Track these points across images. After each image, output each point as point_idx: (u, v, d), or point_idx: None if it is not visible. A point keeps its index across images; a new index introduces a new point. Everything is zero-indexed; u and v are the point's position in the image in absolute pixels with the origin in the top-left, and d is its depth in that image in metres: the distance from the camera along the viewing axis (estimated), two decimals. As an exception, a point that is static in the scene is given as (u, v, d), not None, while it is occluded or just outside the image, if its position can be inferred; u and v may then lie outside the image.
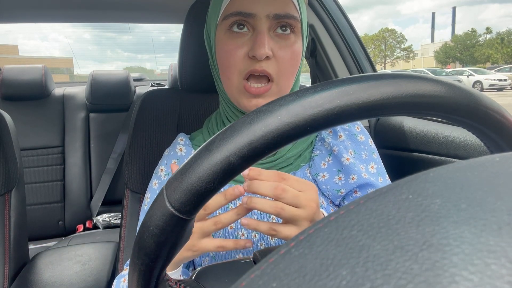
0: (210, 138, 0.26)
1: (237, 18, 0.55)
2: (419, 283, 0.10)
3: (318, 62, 1.22)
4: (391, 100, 0.25)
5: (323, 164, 0.61)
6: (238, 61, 0.56)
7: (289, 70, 0.57)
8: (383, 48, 62.86)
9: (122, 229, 0.82)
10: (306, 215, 0.44)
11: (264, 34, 0.54)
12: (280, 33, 0.56)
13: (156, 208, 0.26)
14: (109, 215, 1.74)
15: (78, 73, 17.73)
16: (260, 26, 0.55)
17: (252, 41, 0.55)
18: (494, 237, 0.11)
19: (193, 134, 0.71)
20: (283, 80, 0.57)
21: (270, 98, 0.56)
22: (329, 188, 0.60)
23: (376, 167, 0.63)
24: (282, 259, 0.13)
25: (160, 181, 0.65)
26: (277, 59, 0.56)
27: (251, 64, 0.55)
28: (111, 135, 1.87)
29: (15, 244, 0.96)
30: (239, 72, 0.56)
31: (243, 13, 0.55)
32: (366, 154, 0.64)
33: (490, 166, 0.15)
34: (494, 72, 23.03)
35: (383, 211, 0.13)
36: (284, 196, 0.43)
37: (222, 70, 0.59)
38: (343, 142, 0.63)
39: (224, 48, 0.57)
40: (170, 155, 0.67)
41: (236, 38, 0.56)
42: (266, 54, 0.53)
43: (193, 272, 0.41)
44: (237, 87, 0.57)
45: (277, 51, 0.55)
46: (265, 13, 0.54)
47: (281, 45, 0.56)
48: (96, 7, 1.38)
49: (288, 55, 0.56)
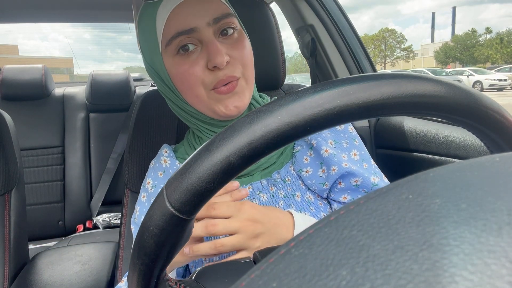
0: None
1: (180, 39, 0.54)
2: (419, 283, 0.10)
3: (318, 62, 1.22)
4: (391, 100, 0.25)
5: (306, 159, 0.61)
6: (200, 76, 0.55)
7: (249, 63, 0.58)
8: (383, 48, 62.86)
9: (122, 229, 0.82)
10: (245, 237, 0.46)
11: (215, 42, 0.54)
12: (226, 36, 0.56)
13: (156, 208, 0.26)
14: (109, 215, 1.74)
15: (78, 73, 17.74)
16: (206, 36, 0.54)
17: (205, 53, 0.55)
18: (494, 237, 0.11)
19: (177, 146, 0.70)
20: (247, 72, 0.58)
21: (243, 95, 0.57)
22: (314, 182, 0.60)
23: (359, 153, 0.62)
24: (282, 259, 0.13)
25: (147, 194, 0.64)
26: (235, 59, 0.56)
27: (214, 75, 0.55)
28: (111, 135, 1.87)
29: (15, 244, 0.96)
30: (205, 86, 0.56)
31: (185, 31, 0.54)
32: (346, 142, 0.62)
33: (490, 166, 0.15)
34: (494, 72, 23.04)
35: (383, 211, 0.13)
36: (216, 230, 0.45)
37: (185, 92, 0.58)
38: (321, 133, 0.61)
39: (180, 70, 0.56)
40: (155, 167, 0.66)
41: (187, 58, 0.55)
42: (225, 60, 0.53)
43: (193, 272, 0.41)
44: (207, 97, 0.57)
45: (232, 52, 0.56)
46: (205, 22, 0.54)
47: (232, 45, 0.56)
48: (96, 7, 1.38)
49: (242, 51, 0.57)
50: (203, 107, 0.59)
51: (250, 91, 0.59)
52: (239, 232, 0.46)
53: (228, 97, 0.56)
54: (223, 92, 0.55)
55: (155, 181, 0.64)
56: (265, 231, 0.47)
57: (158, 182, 0.64)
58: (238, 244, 0.46)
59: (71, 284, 0.97)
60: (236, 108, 0.56)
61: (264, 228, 0.47)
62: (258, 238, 0.47)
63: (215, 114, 0.58)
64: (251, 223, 0.47)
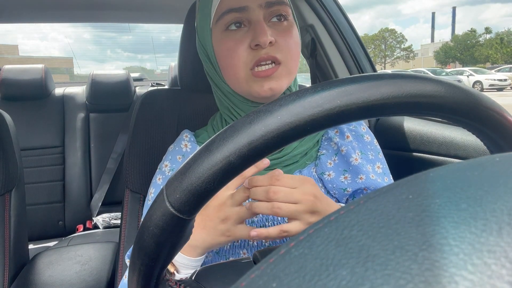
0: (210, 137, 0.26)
1: (231, 16, 0.56)
2: (419, 283, 0.10)
3: (318, 62, 1.22)
4: (391, 100, 0.25)
5: (329, 163, 0.62)
6: (242, 54, 0.56)
7: (294, 53, 0.58)
8: (383, 48, 62.85)
9: (122, 229, 0.82)
10: (304, 209, 0.46)
11: (262, 23, 0.55)
12: (275, 22, 0.57)
13: (156, 208, 0.26)
14: (109, 215, 1.74)
15: (78, 73, 17.72)
16: (255, 16, 0.56)
17: (251, 32, 0.56)
18: (494, 237, 0.11)
19: (198, 132, 0.71)
20: (290, 62, 0.58)
21: (281, 80, 0.57)
22: (335, 186, 0.61)
23: (382, 167, 0.64)
24: (282, 259, 0.13)
25: (164, 176, 0.65)
26: (279, 44, 0.56)
27: (256, 54, 0.55)
28: (111, 135, 1.87)
29: (15, 244, 0.96)
30: (245, 65, 0.56)
31: (236, 9, 0.55)
32: (372, 154, 0.64)
33: (490, 166, 0.15)
34: (494, 72, 23.03)
35: (383, 211, 0.13)
36: (277, 197, 0.46)
37: (226, 69, 0.59)
38: (350, 142, 0.63)
39: (225, 46, 0.57)
40: (175, 150, 0.67)
41: (234, 35, 0.57)
42: (269, 40, 0.54)
43: (193, 272, 0.41)
44: (245, 79, 0.57)
45: (277, 38, 0.56)
46: (257, 3, 0.55)
47: (280, 32, 0.57)
48: (96, 7, 1.38)
49: (288, 39, 0.57)
50: (239, 87, 0.59)
51: (289, 80, 0.59)
52: (299, 203, 0.46)
53: (265, 80, 0.56)
54: (260, 75, 0.56)
55: (173, 164, 0.65)
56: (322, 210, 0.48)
57: (176, 166, 0.65)
58: (295, 213, 0.46)
59: (71, 284, 0.97)
60: (270, 90, 0.56)
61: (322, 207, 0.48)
62: (314, 214, 0.47)
63: (250, 95, 0.59)
64: (312, 198, 0.47)
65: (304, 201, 0.46)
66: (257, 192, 0.47)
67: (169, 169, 0.65)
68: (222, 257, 0.59)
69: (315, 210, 0.47)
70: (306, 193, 0.47)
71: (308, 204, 0.47)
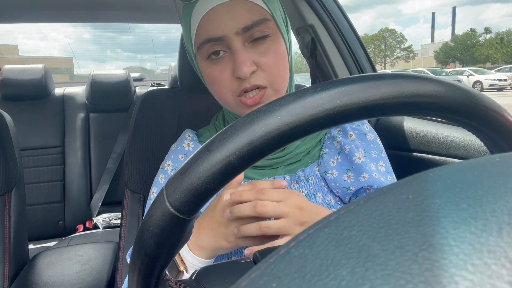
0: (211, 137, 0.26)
1: (210, 45, 0.55)
2: (419, 283, 0.10)
3: (318, 62, 1.22)
4: (391, 100, 0.25)
5: (332, 162, 0.62)
6: (227, 84, 0.56)
7: (279, 73, 0.57)
8: (383, 48, 62.85)
9: (122, 229, 0.82)
10: (292, 222, 0.46)
11: (240, 52, 0.54)
12: (256, 42, 0.55)
13: (156, 208, 0.26)
14: (109, 215, 1.74)
15: (78, 73, 17.70)
16: (233, 45, 0.54)
17: (232, 60, 0.55)
18: (494, 237, 0.11)
19: (200, 131, 0.72)
20: (276, 83, 0.56)
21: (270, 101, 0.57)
22: (338, 185, 0.61)
23: (385, 165, 0.64)
24: (282, 259, 0.13)
25: (166, 175, 0.65)
26: (262, 67, 0.55)
27: (240, 83, 0.55)
28: (111, 135, 1.87)
29: (15, 244, 0.96)
30: (232, 92, 0.56)
31: (213, 39, 0.54)
32: (375, 153, 0.64)
33: (490, 166, 0.15)
34: (494, 72, 23.03)
35: (383, 211, 0.13)
36: (265, 211, 0.46)
37: (215, 94, 0.60)
38: (354, 141, 0.63)
39: (209, 74, 0.58)
40: (177, 150, 0.67)
41: (217, 63, 0.56)
42: (249, 71, 0.53)
43: (193, 272, 0.41)
44: (235, 104, 0.58)
45: (259, 60, 0.55)
46: (233, 31, 0.54)
47: (261, 52, 0.55)
48: (96, 7, 1.38)
49: (272, 59, 0.55)
50: (231, 109, 0.61)
51: (279, 95, 0.58)
52: (287, 216, 0.46)
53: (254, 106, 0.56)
54: (248, 103, 0.55)
55: (175, 163, 0.65)
56: (309, 220, 0.48)
57: (178, 165, 0.65)
58: (284, 228, 0.46)
59: (71, 284, 0.97)
60: None
61: (309, 218, 0.48)
62: (303, 226, 0.47)
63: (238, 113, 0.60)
64: (299, 210, 0.47)
65: (291, 214, 0.47)
66: (243, 208, 0.46)
67: (171, 168, 0.65)
68: (225, 256, 0.59)
69: (303, 221, 0.47)
70: (292, 206, 0.47)
71: (295, 216, 0.47)
